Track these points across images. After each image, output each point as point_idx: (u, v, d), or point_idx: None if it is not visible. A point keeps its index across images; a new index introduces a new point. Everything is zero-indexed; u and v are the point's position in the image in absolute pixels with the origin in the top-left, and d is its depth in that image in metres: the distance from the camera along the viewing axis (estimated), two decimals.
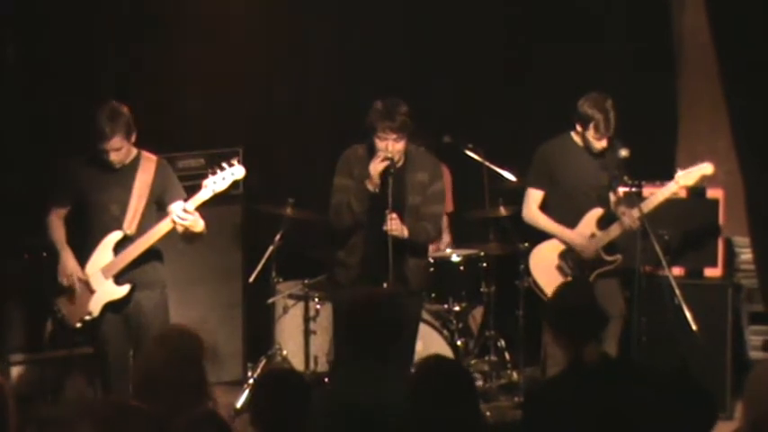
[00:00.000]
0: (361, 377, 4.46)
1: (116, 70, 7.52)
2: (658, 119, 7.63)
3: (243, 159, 7.56)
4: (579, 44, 7.71)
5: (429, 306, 7.23)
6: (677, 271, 6.82)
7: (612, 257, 6.58)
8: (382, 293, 5.18)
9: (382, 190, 5.94)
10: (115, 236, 6.02)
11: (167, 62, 7.67)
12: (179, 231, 6.01)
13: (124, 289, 6.03)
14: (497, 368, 7.44)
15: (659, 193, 6.50)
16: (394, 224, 5.93)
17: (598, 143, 6.47)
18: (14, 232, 7.09)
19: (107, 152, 5.92)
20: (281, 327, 7.43)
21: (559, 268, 6.60)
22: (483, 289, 7.34)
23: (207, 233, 6.14)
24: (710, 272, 7.02)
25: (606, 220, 6.58)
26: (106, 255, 6.03)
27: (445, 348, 7.00)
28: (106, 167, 6.00)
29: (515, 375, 7.38)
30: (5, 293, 7.02)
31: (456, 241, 7.77)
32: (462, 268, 7.31)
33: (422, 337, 6.80)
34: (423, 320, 6.98)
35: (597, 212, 6.58)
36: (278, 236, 7.21)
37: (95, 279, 6.03)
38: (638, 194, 6.53)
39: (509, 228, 7.23)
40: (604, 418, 4.21)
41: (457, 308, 7.30)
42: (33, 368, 7.01)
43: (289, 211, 7.17)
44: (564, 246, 6.61)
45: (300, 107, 8.11)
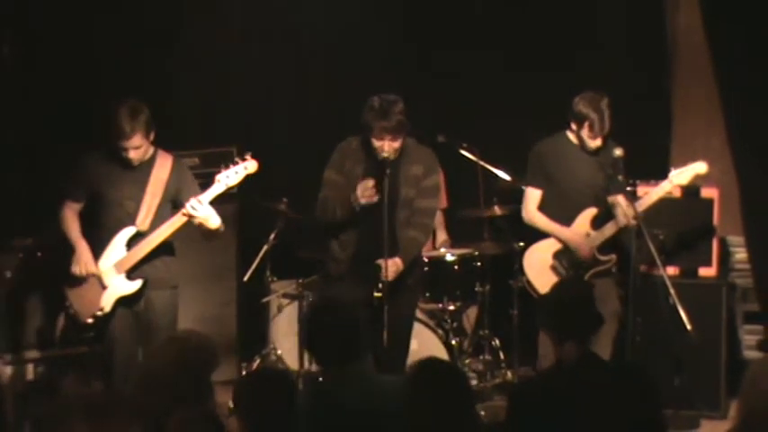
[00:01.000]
0: (348, 378, 4.45)
1: (114, 70, 7.52)
2: (653, 118, 7.63)
3: (236, 159, 7.60)
4: (574, 44, 7.71)
5: (424, 305, 7.24)
6: (672, 270, 6.83)
7: (607, 257, 6.57)
8: (332, 298, 5.15)
9: (379, 185, 5.92)
10: (129, 231, 6.04)
11: (164, 61, 7.67)
12: (195, 224, 6.02)
13: (136, 284, 6.04)
14: (492, 367, 7.45)
15: (653, 193, 6.50)
16: (390, 272, 5.88)
17: (592, 142, 6.47)
18: (9, 232, 7.08)
19: (126, 150, 5.94)
20: (276, 326, 7.43)
21: (553, 268, 6.60)
22: (477, 288, 7.34)
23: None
24: (705, 271, 7.02)
25: (600, 220, 6.57)
26: (119, 250, 6.04)
27: (440, 347, 7.00)
28: (123, 164, 6.01)
29: (510, 375, 7.38)
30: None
31: (452, 240, 7.77)
32: (457, 267, 7.31)
33: (416, 336, 6.78)
34: (417, 320, 6.97)
35: (591, 212, 6.57)
36: (272, 235, 7.21)
37: (108, 274, 6.04)
38: (632, 194, 6.54)
39: (504, 227, 7.24)
40: (582, 416, 4.22)
41: (451, 307, 7.31)
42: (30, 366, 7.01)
43: (283, 211, 7.17)
44: (559, 245, 6.60)
45: (295, 106, 8.11)
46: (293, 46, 8.08)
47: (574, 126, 6.51)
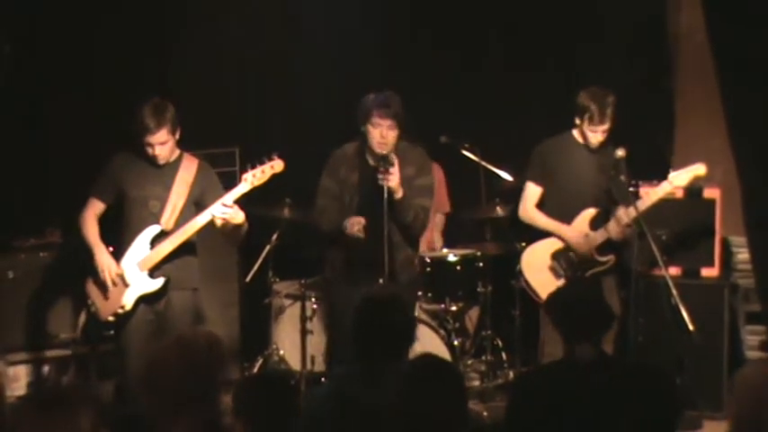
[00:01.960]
0: (363, 375, 4.46)
1: (113, 70, 7.52)
2: (655, 118, 7.63)
3: (239, 159, 7.61)
4: (576, 43, 7.71)
5: (426, 306, 7.24)
6: (674, 271, 6.82)
7: (605, 258, 6.57)
8: (393, 294, 5.15)
9: (376, 189, 5.94)
10: (153, 230, 6.07)
11: (164, 61, 7.67)
12: (218, 226, 6.03)
13: (158, 282, 6.07)
14: (494, 368, 7.45)
15: (652, 194, 6.50)
16: (391, 178, 5.92)
17: (593, 136, 6.47)
18: (10, 233, 7.10)
19: (152, 146, 5.97)
20: (278, 327, 7.42)
21: (552, 269, 6.60)
22: (479, 289, 7.34)
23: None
24: (707, 272, 7.02)
25: (599, 221, 6.57)
26: (143, 248, 6.07)
27: (442, 348, 6.99)
28: (149, 163, 6.05)
29: (512, 375, 7.37)
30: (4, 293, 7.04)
31: (452, 241, 7.78)
32: (459, 268, 7.31)
33: (418, 337, 6.78)
34: (419, 320, 6.97)
35: (590, 212, 6.58)
36: (274, 236, 7.21)
37: (131, 272, 6.07)
38: (634, 194, 6.54)
39: (505, 228, 7.24)
40: (593, 416, 4.22)
41: (453, 308, 7.30)
42: (31, 367, 7.03)
43: (285, 211, 7.17)
44: (557, 246, 6.60)
45: (297, 107, 8.11)
46: (293, 45, 8.07)
47: (577, 121, 6.52)
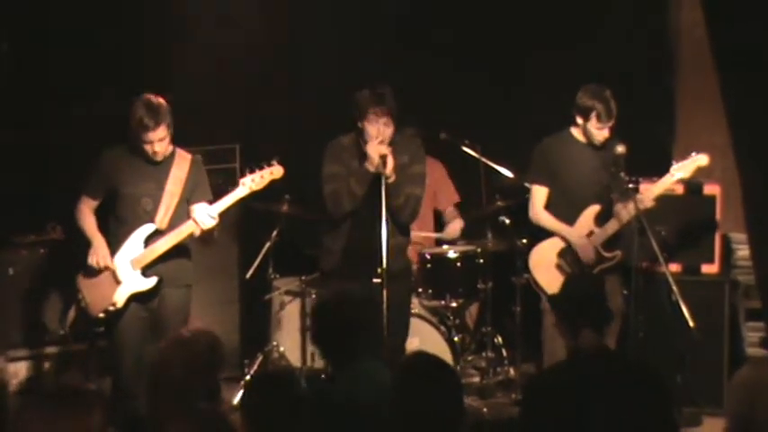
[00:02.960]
0: (360, 374, 4.46)
1: (113, 69, 7.51)
2: (656, 115, 7.62)
3: (239, 156, 7.61)
4: (577, 41, 7.69)
5: (426, 302, 7.24)
6: (674, 267, 6.82)
7: (612, 254, 6.56)
8: (338, 295, 5.16)
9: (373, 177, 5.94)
10: (147, 228, 6.05)
11: (164, 59, 7.66)
12: (196, 235, 6.03)
13: (151, 281, 6.05)
14: (494, 364, 7.46)
15: (655, 186, 6.49)
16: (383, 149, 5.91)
17: (600, 133, 6.45)
18: (10, 229, 7.09)
19: (152, 143, 5.94)
20: (278, 323, 7.43)
21: (559, 267, 6.59)
22: (480, 285, 7.33)
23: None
24: (708, 268, 7.02)
25: (604, 217, 6.56)
26: (137, 246, 6.05)
27: (442, 344, 7.00)
28: (142, 161, 6.02)
29: (512, 372, 7.39)
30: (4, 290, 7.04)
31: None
32: (459, 264, 7.31)
33: (419, 333, 6.79)
34: (420, 317, 6.98)
35: (594, 209, 6.57)
36: (275, 232, 7.22)
37: (123, 270, 6.04)
38: (635, 190, 6.52)
39: (506, 224, 7.23)
40: (600, 405, 4.23)
41: (454, 304, 7.30)
42: (31, 364, 7.03)
43: (285, 208, 7.17)
44: (562, 244, 6.59)
45: (297, 103, 8.10)
46: (293, 45, 8.06)
47: (579, 120, 6.49)
